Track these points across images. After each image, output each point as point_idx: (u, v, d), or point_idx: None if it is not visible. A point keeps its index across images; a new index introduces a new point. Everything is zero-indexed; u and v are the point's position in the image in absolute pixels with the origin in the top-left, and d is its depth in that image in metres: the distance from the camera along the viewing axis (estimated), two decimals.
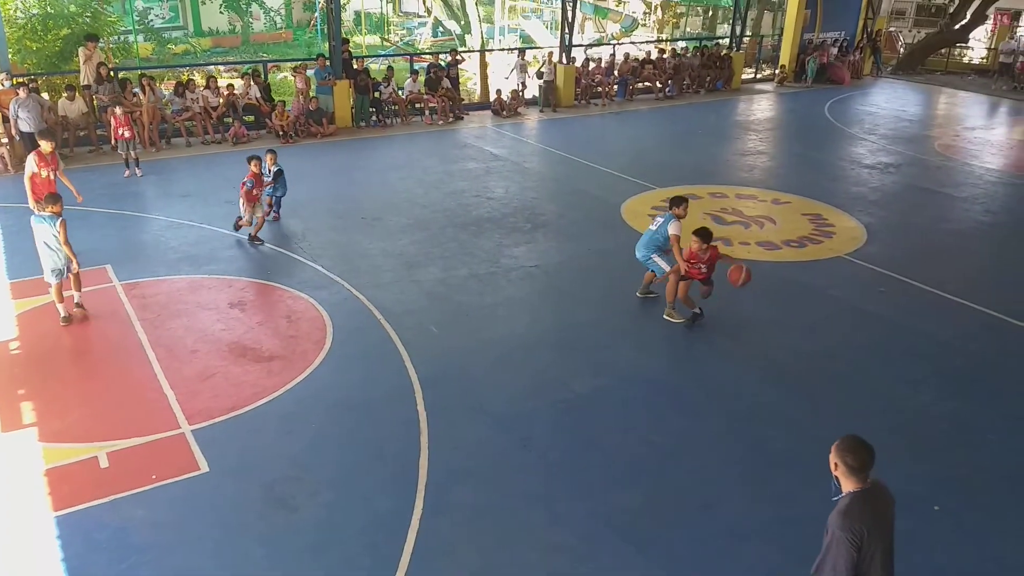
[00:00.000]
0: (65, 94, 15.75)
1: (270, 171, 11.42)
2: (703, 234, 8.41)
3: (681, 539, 5.58)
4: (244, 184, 10.74)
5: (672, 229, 8.64)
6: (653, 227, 8.91)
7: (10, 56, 16.74)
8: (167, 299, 9.11)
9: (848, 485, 3.69)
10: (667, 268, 8.72)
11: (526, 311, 9.25)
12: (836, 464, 3.70)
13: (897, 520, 5.65)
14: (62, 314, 8.42)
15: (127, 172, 14.03)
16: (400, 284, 9.72)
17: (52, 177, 10.21)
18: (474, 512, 5.80)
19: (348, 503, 5.87)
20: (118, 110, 13.99)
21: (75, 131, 15.78)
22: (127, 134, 13.84)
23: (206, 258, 10.31)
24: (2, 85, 14.92)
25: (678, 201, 8.87)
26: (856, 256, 10.93)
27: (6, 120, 14.31)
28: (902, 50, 31.70)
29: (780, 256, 10.88)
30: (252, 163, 10.87)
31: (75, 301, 8.63)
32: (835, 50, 27.13)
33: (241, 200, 10.82)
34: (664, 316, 8.81)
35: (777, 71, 26.81)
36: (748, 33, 27.65)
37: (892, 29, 32.52)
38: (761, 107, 22.88)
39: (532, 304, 9.46)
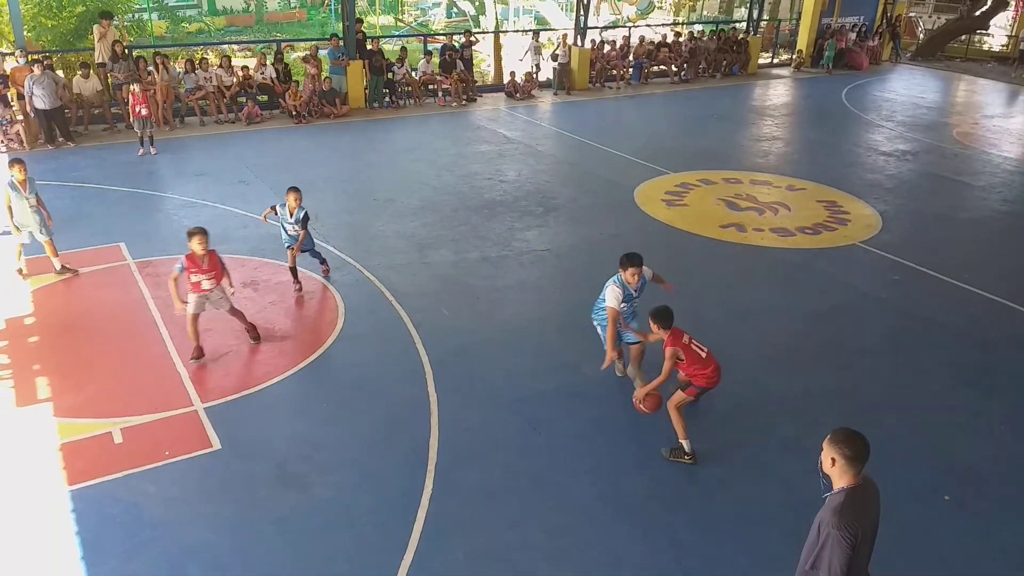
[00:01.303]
0: (80, 72, 15.78)
1: (292, 215, 8.67)
2: (659, 316, 6.02)
3: (687, 523, 5.60)
4: (177, 269, 7.33)
5: (609, 296, 6.43)
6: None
7: (25, 33, 16.76)
8: (181, 278, 9.14)
9: (842, 481, 3.59)
10: (633, 337, 6.72)
11: (537, 294, 9.25)
12: (833, 459, 3.57)
13: (905, 509, 5.65)
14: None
15: (141, 150, 14.08)
16: (412, 266, 9.73)
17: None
18: (483, 493, 5.84)
19: (359, 482, 5.91)
20: (136, 87, 13.99)
21: (89, 109, 15.83)
22: (144, 112, 13.86)
23: (219, 237, 10.30)
24: (16, 62, 14.98)
25: (631, 260, 6.46)
26: (871, 244, 10.85)
27: (21, 97, 14.38)
28: (922, 36, 31.28)
29: (794, 243, 10.81)
30: (195, 239, 7.16)
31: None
32: (853, 35, 26.80)
33: (177, 289, 7.38)
34: (666, 455, 6.26)
35: (794, 56, 26.53)
36: (766, 17, 27.33)
37: (912, 15, 32.08)
38: (777, 92, 22.66)
39: (543, 287, 9.45)
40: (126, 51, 16.30)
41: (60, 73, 16.44)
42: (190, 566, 5.07)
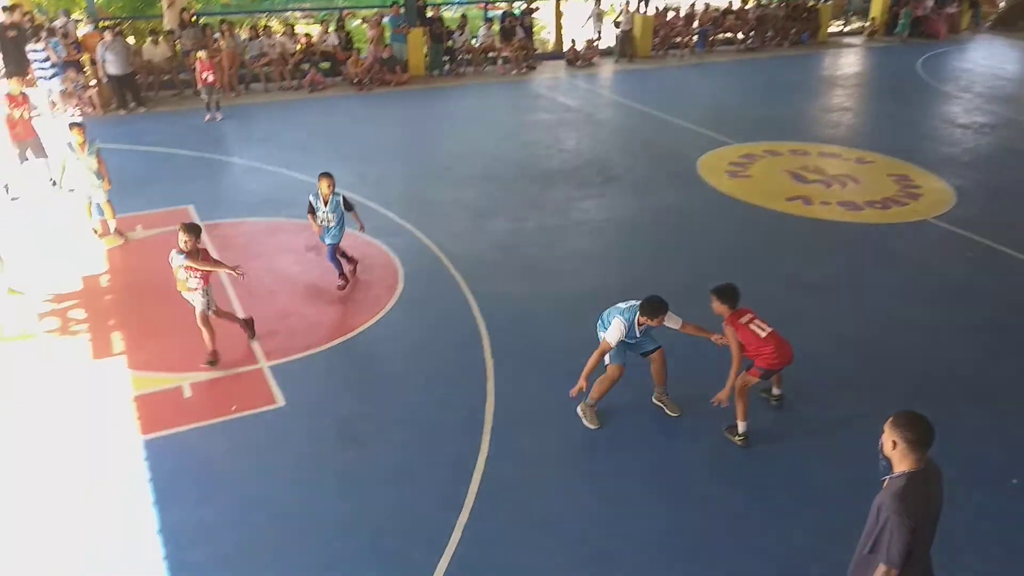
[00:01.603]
0: (149, 38, 16.18)
1: (326, 203, 7.90)
2: (724, 294, 5.98)
3: (743, 495, 5.55)
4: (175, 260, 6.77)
5: (612, 329, 5.87)
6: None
7: (96, 0, 17.20)
8: (247, 240, 9.40)
9: (904, 465, 3.47)
10: (607, 360, 6.09)
11: (594, 265, 9.21)
12: (894, 442, 3.45)
13: (971, 492, 5.51)
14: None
15: (208, 116, 14.39)
16: (470, 234, 9.78)
17: (27, 116, 10.48)
18: (538, 458, 5.89)
19: (417, 442, 6.03)
20: (203, 54, 14.29)
21: (159, 75, 16.24)
22: (211, 78, 14.14)
23: (286, 202, 10.55)
24: (88, 29, 15.43)
25: (651, 310, 5.83)
26: (943, 219, 10.46)
27: (94, 63, 14.81)
28: (1002, 4, 29.72)
29: (862, 217, 10.50)
30: (185, 233, 6.60)
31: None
32: (931, 2, 25.62)
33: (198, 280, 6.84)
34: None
35: (867, 23, 25.53)
36: None
37: None
38: (848, 61, 21.89)
39: (600, 258, 9.40)
40: (194, 18, 16.62)
41: (131, 40, 16.87)
42: (256, 514, 5.27)
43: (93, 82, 14.93)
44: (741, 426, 6.05)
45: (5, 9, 14.81)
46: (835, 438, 6.17)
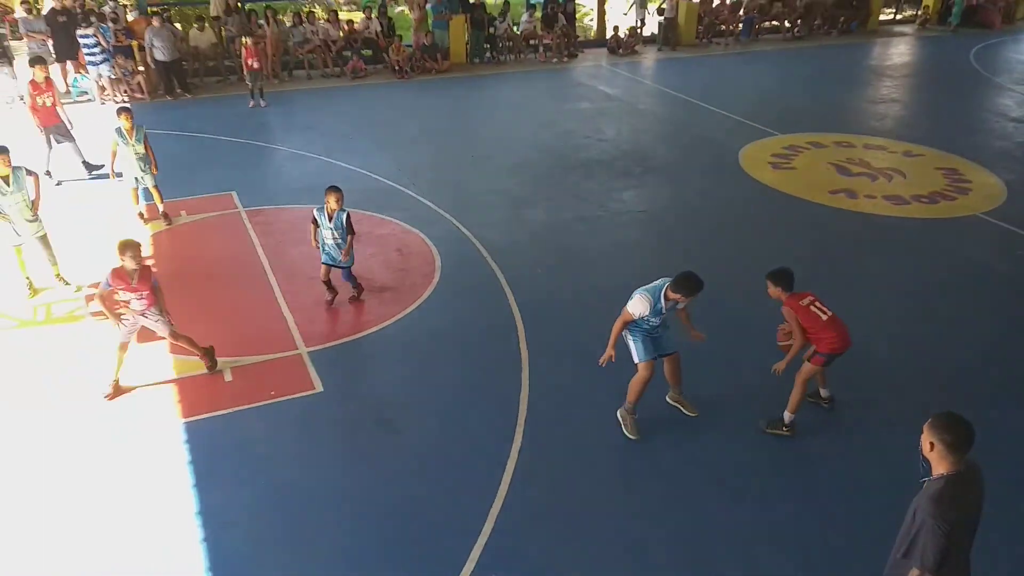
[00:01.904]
0: (195, 25, 16.41)
1: (330, 219, 7.40)
2: (779, 277, 5.85)
3: (781, 492, 5.49)
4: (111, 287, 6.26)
5: (636, 303, 5.73)
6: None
7: None
8: (288, 227, 9.53)
9: (942, 467, 3.41)
10: (636, 357, 5.92)
11: (632, 257, 9.14)
12: (932, 444, 3.41)
13: (1017, 499, 5.37)
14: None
15: (252, 103, 14.58)
16: (507, 223, 9.78)
17: (49, 103, 10.67)
18: (572, 449, 5.89)
19: (451, 431, 6.08)
20: (248, 40, 14.45)
21: (205, 61, 16.48)
22: (255, 64, 14.31)
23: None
24: (132, 15, 15.71)
25: (683, 286, 5.61)
26: (994, 215, 10.17)
27: (142, 49, 15.08)
28: None
29: (908, 212, 10.26)
30: (127, 253, 6.09)
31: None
32: None
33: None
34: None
35: (919, 12, 24.84)
36: None
37: None
38: (899, 51, 21.34)
39: (638, 249, 9.33)
40: (239, 5, 16.82)
41: (177, 26, 17.15)
42: (292, 499, 5.36)
43: (141, 68, 15.21)
44: (788, 417, 5.97)
45: None
46: (879, 438, 6.06)
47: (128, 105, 9.98)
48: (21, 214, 7.59)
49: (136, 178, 9.32)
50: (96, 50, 14.38)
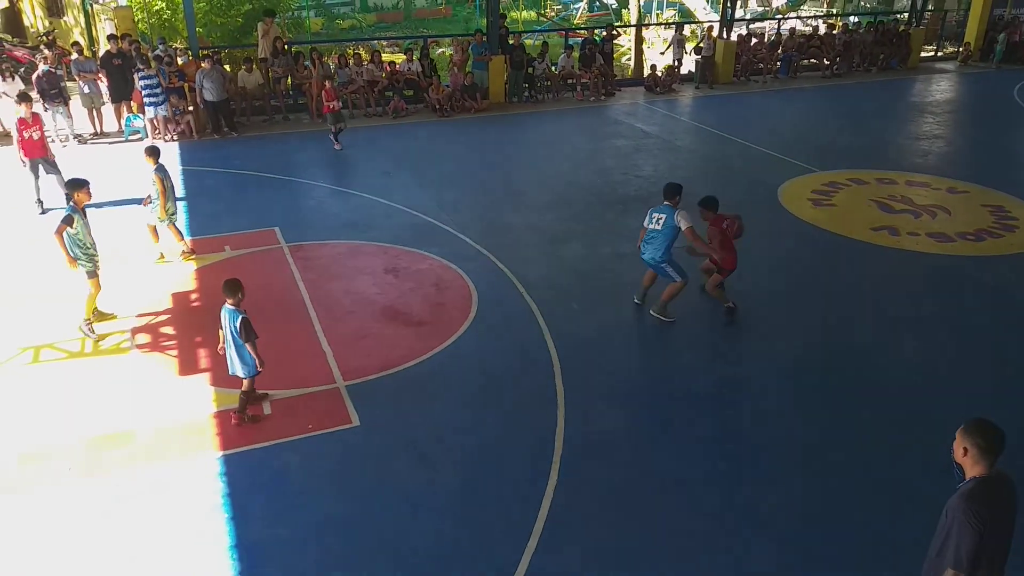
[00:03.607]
0: (243, 66, 16.93)
1: (236, 323, 6.27)
2: (709, 203, 8.06)
3: (821, 538, 5.35)
4: None
5: (682, 221, 7.75)
6: (655, 225, 7.98)
7: (197, 30, 18.13)
8: (328, 262, 9.68)
9: (975, 471, 3.58)
10: (678, 278, 7.96)
11: None
12: (965, 449, 3.58)
13: None
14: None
15: (337, 145, 14.49)
16: (544, 259, 9.81)
17: (36, 137, 11.19)
18: (608, 489, 5.82)
19: (487, 467, 6.05)
20: (328, 84, 14.55)
21: (252, 101, 16.96)
22: (336, 106, 14.34)
23: (365, 225, 10.83)
24: (189, 58, 16.25)
25: (674, 190, 8.01)
26: None
27: (192, 90, 15.59)
28: None
29: (953, 249, 10.06)
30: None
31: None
32: None
33: None
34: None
35: (961, 49, 24.61)
36: (930, 7, 25.48)
37: None
38: (940, 87, 21.11)
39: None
40: (286, 47, 17.33)
41: (226, 68, 17.67)
42: (328, 534, 5.37)
43: (191, 108, 15.71)
44: (730, 304, 8.13)
45: (111, 38, 15.74)
46: (911, 483, 5.88)
47: (155, 144, 10.33)
48: (94, 245, 7.99)
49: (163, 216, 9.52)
50: (157, 91, 14.82)
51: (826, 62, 22.34)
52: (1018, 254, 9.96)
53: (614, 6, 37.46)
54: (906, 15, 24.57)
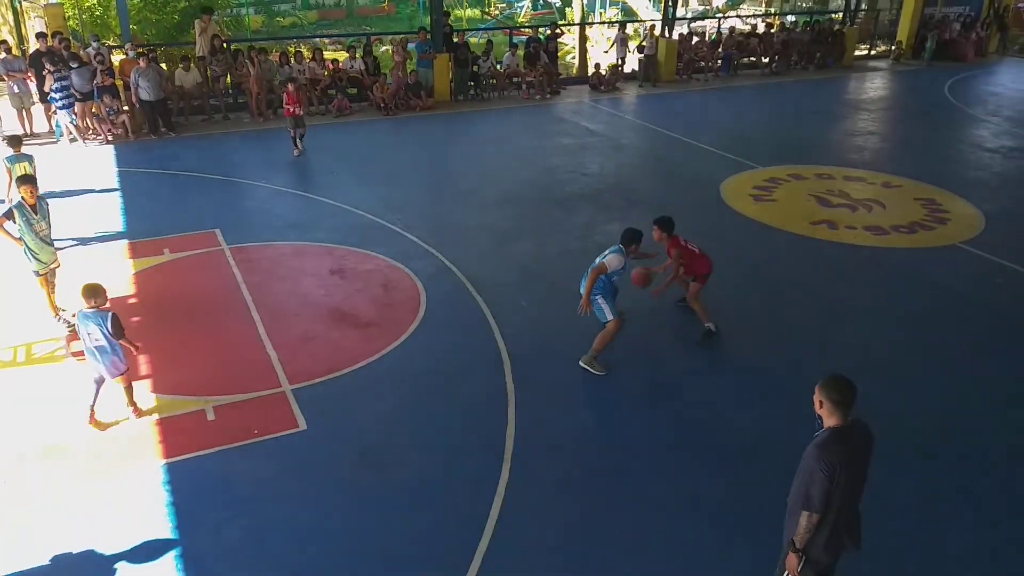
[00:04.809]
0: (180, 65, 16.50)
1: (107, 324, 6.19)
2: (665, 224, 7.60)
3: (767, 524, 5.43)
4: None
5: (611, 260, 6.97)
6: (599, 258, 7.15)
7: (132, 27, 17.61)
8: (272, 264, 9.50)
9: (830, 421, 3.88)
10: (609, 316, 7.07)
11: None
12: (821, 402, 3.88)
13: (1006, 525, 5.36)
14: None
15: (296, 150, 13.93)
16: (492, 257, 9.80)
17: None
18: (560, 484, 5.84)
19: (438, 467, 6.01)
20: (290, 86, 13.77)
21: (190, 100, 16.54)
22: (297, 111, 13.68)
23: (309, 225, 10.66)
24: (126, 55, 15.76)
25: (632, 238, 7.15)
26: (972, 244, 10.31)
27: (127, 88, 15.11)
28: None
29: (888, 242, 10.38)
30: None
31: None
32: (958, 26, 25.49)
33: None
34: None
35: (893, 47, 25.43)
36: (864, 7, 26.23)
37: (1021, 5, 30.25)
38: (874, 85, 21.78)
39: (623, 282, 9.33)
40: (225, 45, 16.94)
41: (163, 66, 17.19)
42: (276, 540, 5.26)
43: (127, 108, 15.24)
44: (709, 325, 7.76)
45: (40, 36, 15.13)
46: None
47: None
48: (45, 241, 7.72)
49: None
50: (59, 95, 13.95)
51: (765, 60, 22.83)
52: (948, 246, 10.32)
53: (558, 5, 37.65)
54: (840, 15, 25.25)
